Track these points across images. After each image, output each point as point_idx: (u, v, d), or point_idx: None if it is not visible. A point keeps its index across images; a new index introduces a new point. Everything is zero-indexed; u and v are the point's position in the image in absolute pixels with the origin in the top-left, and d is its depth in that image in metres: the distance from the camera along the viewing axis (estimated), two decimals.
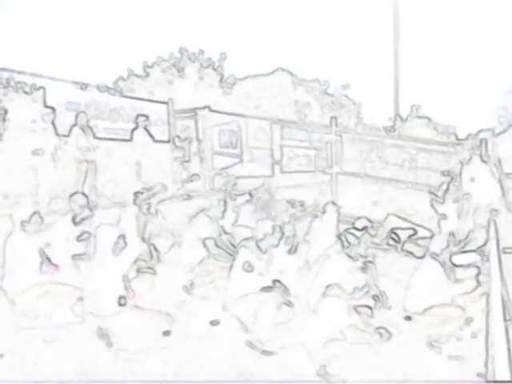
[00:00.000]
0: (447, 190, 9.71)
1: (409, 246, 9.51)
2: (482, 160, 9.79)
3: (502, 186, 9.76)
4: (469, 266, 9.28)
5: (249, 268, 9.15)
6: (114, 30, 9.82)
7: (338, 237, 9.37)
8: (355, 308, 8.93)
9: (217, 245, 9.65)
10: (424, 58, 9.93)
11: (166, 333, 9.02)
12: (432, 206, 9.73)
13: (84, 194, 9.49)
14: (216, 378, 8.82)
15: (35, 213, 9.29)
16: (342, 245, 9.31)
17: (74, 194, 9.45)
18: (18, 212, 9.35)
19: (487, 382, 8.67)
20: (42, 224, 9.23)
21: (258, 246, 9.27)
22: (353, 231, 9.34)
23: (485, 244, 9.45)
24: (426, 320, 9.10)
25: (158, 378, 8.81)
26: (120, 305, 8.89)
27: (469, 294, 9.15)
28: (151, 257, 9.40)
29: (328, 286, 9.04)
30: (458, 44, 9.83)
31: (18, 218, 9.25)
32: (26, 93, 9.74)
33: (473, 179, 9.78)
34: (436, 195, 9.72)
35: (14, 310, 9.01)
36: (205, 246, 9.63)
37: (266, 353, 8.93)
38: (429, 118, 10.13)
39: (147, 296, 9.17)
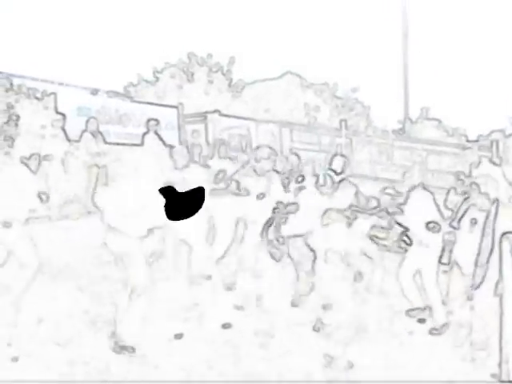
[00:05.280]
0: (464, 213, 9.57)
1: None
2: (492, 162, 9.71)
3: None
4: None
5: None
6: (123, 36, 9.90)
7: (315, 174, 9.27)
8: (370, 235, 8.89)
9: None
10: (433, 60, 9.94)
11: (178, 335, 8.99)
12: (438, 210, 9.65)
13: None
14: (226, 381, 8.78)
15: None
16: (317, 181, 9.17)
17: None
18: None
19: (501, 381, 8.58)
20: None
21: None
22: (330, 173, 9.23)
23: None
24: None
25: (170, 380, 8.77)
26: None
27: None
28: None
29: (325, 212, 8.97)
30: (467, 46, 9.84)
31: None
32: (37, 99, 9.80)
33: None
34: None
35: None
36: None
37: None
38: (439, 120, 10.12)
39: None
